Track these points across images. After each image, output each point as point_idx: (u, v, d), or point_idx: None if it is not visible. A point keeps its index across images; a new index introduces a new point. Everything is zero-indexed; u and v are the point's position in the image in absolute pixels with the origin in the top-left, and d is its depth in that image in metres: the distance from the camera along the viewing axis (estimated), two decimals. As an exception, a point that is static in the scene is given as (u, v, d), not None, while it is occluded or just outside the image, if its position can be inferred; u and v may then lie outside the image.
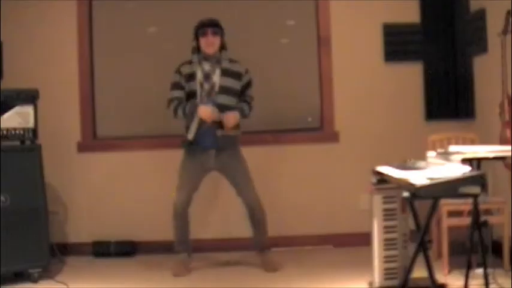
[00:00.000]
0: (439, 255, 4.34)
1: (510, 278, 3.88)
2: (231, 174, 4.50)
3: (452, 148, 3.45)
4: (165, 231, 5.11)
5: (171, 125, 5.25)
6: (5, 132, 4.35)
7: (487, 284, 3.14)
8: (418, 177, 2.93)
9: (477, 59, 4.87)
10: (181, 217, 4.51)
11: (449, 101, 5.13)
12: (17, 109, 4.41)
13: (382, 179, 3.47)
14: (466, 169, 2.99)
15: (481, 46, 4.66)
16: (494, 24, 4.36)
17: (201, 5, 5.23)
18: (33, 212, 4.38)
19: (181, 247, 4.57)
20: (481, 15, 4.63)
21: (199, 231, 5.16)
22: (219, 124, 4.36)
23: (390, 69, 5.20)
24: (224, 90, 4.40)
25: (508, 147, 3.36)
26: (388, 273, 3.79)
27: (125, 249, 5.12)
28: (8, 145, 4.36)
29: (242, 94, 4.52)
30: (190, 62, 4.47)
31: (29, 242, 4.32)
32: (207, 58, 4.43)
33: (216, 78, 4.40)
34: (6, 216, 4.22)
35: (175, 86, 4.49)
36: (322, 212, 5.17)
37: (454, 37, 5.10)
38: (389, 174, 3.29)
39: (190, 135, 4.38)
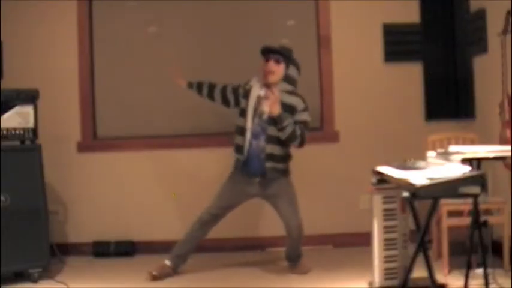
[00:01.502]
0: (439, 255, 4.34)
1: (510, 278, 3.88)
2: (274, 202, 4.34)
3: (452, 148, 3.46)
4: (165, 231, 5.13)
5: (171, 125, 5.27)
6: (5, 132, 4.35)
7: (487, 284, 3.14)
8: (418, 177, 2.93)
9: (477, 59, 4.87)
10: (201, 227, 4.36)
11: (449, 101, 5.14)
12: (17, 109, 4.41)
13: (382, 179, 3.47)
14: (466, 169, 2.99)
15: (481, 46, 4.66)
16: (494, 24, 4.36)
17: (201, 5, 5.23)
18: (33, 212, 4.38)
19: (177, 252, 4.43)
20: (481, 15, 4.63)
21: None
22: (269, 155, 4.19)
23: (390, 69, 5.20)
24: (274, 122, 4.16)
25: (508, 147, 3.37)
26: (388, 273, 3.79)
27: (124, 249, 5.12)
28: (8, 145, 4.35)
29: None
30: (248, 82, 4.34)
31: (29, 242, 4.32)
32: (267, 84, 4.22)
33: (267, 106, 4.16)
34: (6, 216, 4.22)
35: (235, 88, 4.37)
36: (322, 212, 5.17)
37: (454, 37, 5.10)
38: (389, 174, 3.29)
39: (242, 155, 4.24)
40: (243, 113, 4.28)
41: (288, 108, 4.15)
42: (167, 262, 4.40)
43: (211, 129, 5.23)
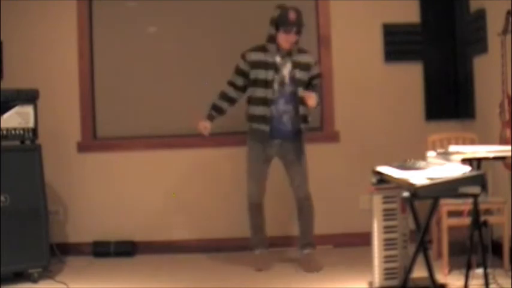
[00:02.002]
0: (439, 255, 4.34)
1: (510, 278, 3.88)
2: (288, 166, 4.53)
3: (452, 148, 3.45)
4: (165, 231, 5.13)
5: (171, 125, 5.27)
6: (5, 132, 4.34)
7: (487, 284, 3.13)
8: (418, 177, 2.93)
9: (477, 59, 4.87)
10: (256, 209, 4.56)
11: (449, 101, 5.14)
12: (17, 109, 4.40)
13: (382, 179, 3.47)
14: (466, 169, 2.99)
15: (481, 46, 4.66)
16: (494, 24, 4.36)
17: (201, 4, 5.23)
18: (33, 212, 4.38)
19: (256, 242, 4.62)
20: (481, 15, 4.63)
21: (201, 231, 5.17)
22: (291, 116, 4.41)
23: (390, 69, 5.20)
24: (294, 82, 4.41)
25: (508, 147, 3.36)
26: (388, 273, 3.79)
27: (124, 249, 5.12)
28: (8, 145, 4.35)
29: (309, 84, 4.48)
30: (262, 50, 4.43)
31: (29, 242, 4.32)
32: (280, 50, 4.40)
33: (286, 70, 4.41)
34: (6, 216, 4.22)
35: (238, 71, 4.50)
36: (322, 212, 5.16)
37: (454, 37, 5.10)
38: (390, 174, 3.29)
39: (266, 127, 4.39)
40: (260, 83, 4.40)
41: (305, 66, 4.44)
42: (257, 252, 4.62)
43: (212, 129, 5.22)
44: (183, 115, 5.24)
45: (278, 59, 4.42)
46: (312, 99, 4.29)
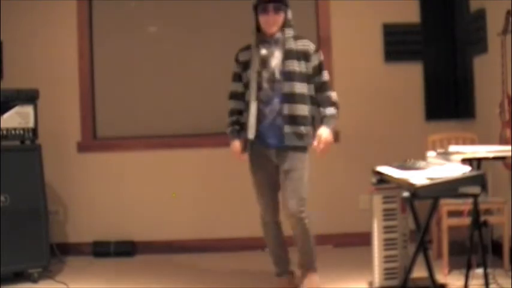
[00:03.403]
0: (439, 255, 4.34)
1: (510, 278, 3.88)
2: (282, 179, 3.76)
3: (452, 148, 3.45)
4: (165, 231, 5.13)
5: (171, 125, 5.27)
6: (5, 132, 4.35)
7: (487, 284, 3.13)
8: (418, 177, 2.93)
9: (477, 59, 4.87)
10: (271, 228, 3.93)
11: (449, 101, 5.13)
12: (17, 109, 4.41)
13: (382, 179, 3.47)
14: (466, 169, 2.99)
15: (481, 46, 4.66)
16: (494, 24, 4.36)
17: (201, 4, 5.23)
18: (33, 212, 4.38)
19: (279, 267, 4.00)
20: (481, 15, 4.63)
21: (201, 231, 5.17)
22: (287, 117, 3.67)
23: (390, 69, 5.20)
24: (288, 76, 3.67)
25: (508, 147, 3.37)
26: (388, 273, 3.79)
27: (125, 249, 5.12)
28: (8, 145, 4.36)
29: (313, 82, 3.75)
30: (247, 47, 3.79)
31: (29, 242, 4.32)
32: (266, 40, 3.72)
33: (276, 62, 3.69)
34: (6, 216, 4.22)
35: (234, 77, 3.85)
36: (322, 212, 5.16)
37: (454, 37, 5.10)
38: (389, 174, 3.29)
39: (251, 134, 3.66)
40: (247, 86, 3.75)
41: (302, 55, 3.72)
42: (279, 276, 4.01)
43: (211, 129, 5.23)
44: (183, 115, 5.25)
45: (264, 50, 3.71)
46: (323, 149, 3.62)
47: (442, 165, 3.15)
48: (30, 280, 4.29)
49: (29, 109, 4.44)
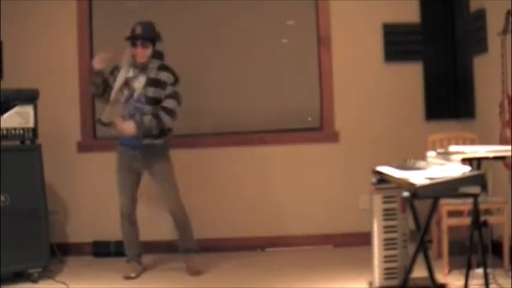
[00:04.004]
0: (439, 255, 4.34)
1: (510, 278, 3.88)
2: (156, 181, 4.51)
3: (452, 148, 3.45)
4: (165, 231, 5.12)
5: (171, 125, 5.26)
6: (5, 132, 4.35)
7: (487, 284, 3.13)
8: (418, 177, 2.93)
9: (477, 59, 4.87)
10: (128, 221, 4.55)
11: (449, 101, 5.13)
12: (17, 109, 4.41)
13: (382, 179, 3.47)
14: (466, 169, 2.99)
15: (481, 46, 4.66)
16: (494, 24, 4.36)
17: (201, 5, 5.23)
18: (33, 212, 4.38)
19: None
20: (481, 15, 4.63)
21: (201, 231, 5.17)
22: (145, 133, 4.34)
23: (390, 69, 5.20)
24: (147, 99, 4.33)
25: (508, 147, 3.36)
26: (388, 273, 3.79)
27: (125, 249, 5.10)
28: (8, 145, 4.35)
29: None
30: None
31: (29, 242, 4.32)
32: (135, 65, 4.38)
33: (138, 85, 4.35)
34: (6, 216, 4.22)
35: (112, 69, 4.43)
36: (322, 212, 5.17)
37: (454, 37, 5.10)
38: (390, 174, 3.29)
39: (104, 117, 4.35)
40: (108, 86, 4.38)
41: (160, 84, 4.34)
42: (130, 264, 4.54)
43: (211, 129, 5.23)
44: (183, 115, 5.23)
45: (131, 73, 4.36)
46: (126, 131, 4.26)
47: (442, 165, 3.15)
48: (30, 280, 4.29)
49: (29, 109, 4.44)
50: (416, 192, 2.84)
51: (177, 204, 4.50)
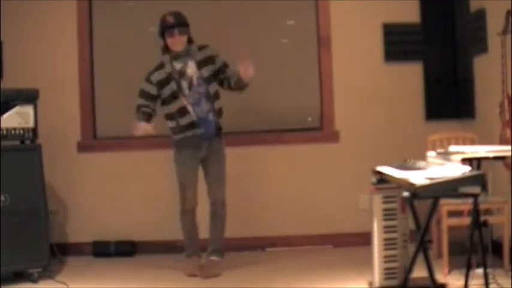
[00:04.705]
0: (439, 255, 4.34)
1: (510, 278, 3.88)
2: (208, 167, 4.51)
3: (452, 148, 3.46)
4: (165, 231, 5.12)
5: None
6: (5, 132, 4.35)
7: (487, 284, 3.14)
8: (418, 177, 2.93)
9: (477, 59, 4.87)
10: (191, 216, 4.54)
11: (449, 101, 5.13)
12: (17, 109, 4.41)
13: (382, 179, 3.47)
14: (466, 169, 2.99)
15: (481, 46, 4.66)
16: (494, 24, 4.36)
17: (201, 5, 5.23)
18: (33, 212, 4.38)
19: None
20: (481, 15, 4.63)
21: (201, 231, 5.17)
22: (216, 111, 4.40)
23: (390, 69, 5.20)
24: (206, 80, 4.39)
25: (508, 147, 3.36)
26: (388, 273, 3.79)
27: (125, 249, 5.12)
28: (8, 145, 4.36)
29: (222, 74, 4.45)
30: (161, 66, 4.43)
31: (29, 242, 4.32)
32: (177, 56, 4.40)
33: (191, 71, 4.39)
34: (6, 216, 4.22)
35: (142, 94, 4.48)
36: (322, 212, 5.17)
37: (454, 37, 5.10)
38: (389, 174, 3.29)
39: (199, 129, 4.39)
40: (172, 98, 4.39)
41: (210, 60, 4.43)
42: (192, 262, 4.53)
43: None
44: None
45: (178, 64, 4.39)
46: (250, 70, 4.26)
47: (442, 165, 3.15)
48: (30, 280, 4.29)
49: (29, 109, 4.44)
50: (416, 192, 2.84)
51: (223, 197, 4.53)
